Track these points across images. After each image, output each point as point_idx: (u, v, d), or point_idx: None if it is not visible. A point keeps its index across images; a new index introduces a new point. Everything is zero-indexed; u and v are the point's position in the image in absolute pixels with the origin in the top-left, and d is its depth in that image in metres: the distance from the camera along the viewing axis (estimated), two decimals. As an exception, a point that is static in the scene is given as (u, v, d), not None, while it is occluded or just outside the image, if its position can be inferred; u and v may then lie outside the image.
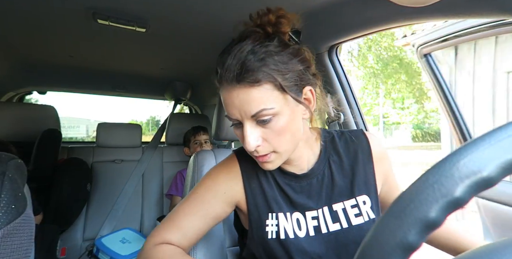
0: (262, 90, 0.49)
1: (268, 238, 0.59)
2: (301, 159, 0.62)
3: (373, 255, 0.22)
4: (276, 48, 0.51)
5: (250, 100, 0.49)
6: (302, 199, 0.61)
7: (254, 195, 0.63)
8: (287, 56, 0.51)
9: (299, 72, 0.52)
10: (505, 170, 0.19)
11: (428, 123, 13.02)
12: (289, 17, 0.54)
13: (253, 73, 0.48)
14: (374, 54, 10.06)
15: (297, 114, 0.54)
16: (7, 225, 0.46)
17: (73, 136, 7.95)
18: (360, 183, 0.61)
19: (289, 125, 0.52)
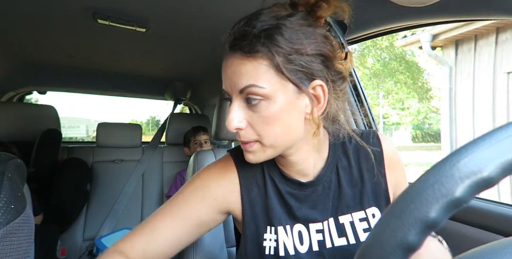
0: (256, 65, 0.43)
1: (266, 253, 0.52)
2: (306, 162, 0.53)
3: (373, 255, 0.22)
4: (292, 23, 0.44)
5: (241, 73, 0.44)
6: (306, 209, 0.53)
7: (253, 205, 0.55)
8: (303, 35, 0.44)
9: (311, 59, 0.44)
10: (505, 170, 0.19)
11: (428, 124, 13.04)
12: (333, 2, 0.47)
13: (251, 42, 0.42)
14: (374, 55, 10.08)
15: (296, 108, 0.45)
16: (6, 225, 0.46)
17: (73, 136, 7.95)
18: (369, 193, 0.53)
19: (281, 116, 0.44)
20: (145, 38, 1.25)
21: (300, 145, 0.51)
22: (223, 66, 0.47)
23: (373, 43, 8.99)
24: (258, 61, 0.43)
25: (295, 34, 0.43)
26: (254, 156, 0.48)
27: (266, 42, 0.42)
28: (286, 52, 0.42)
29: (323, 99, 0.46)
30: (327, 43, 0.46)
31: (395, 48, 9.21)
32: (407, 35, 4.14)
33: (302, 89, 0.45)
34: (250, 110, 0.45)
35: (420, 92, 10.74)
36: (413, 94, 11.21)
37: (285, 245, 0.52)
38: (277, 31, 0.43)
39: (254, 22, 0.44)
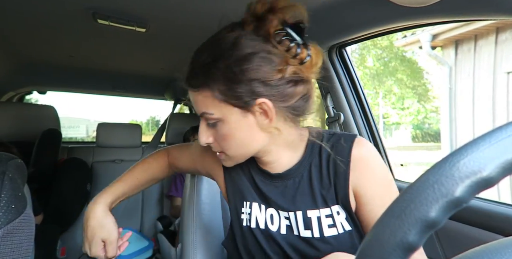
0: (203, 96, 0.52)
1: (243, 225, 0.62)
2: (280, 161, 0.60)
3: (373, 255, 0.22)
4: (231, 56, 0.49)
5: (195, 102, 0.54)
6: (276, 197, 0.60)
7: (233, 183, 0.66)
8: (241, 65, 0.48)
9: (249, 84, 0.49)
10: (505, 169, 0.19)
11: (428, 124, 13.03)
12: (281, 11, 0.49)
13: (195, 80, 0.52)
14: (374, 55, 10.08)
15: (246, 124, 0.52)
16: (7, 224, 0.46)
17: (73, 136, 7.94)
18: (335, 192, 0.57)
19: (234, 133, 0.53)
20: (145, 38, 1.25)
21: (269, 148, 0.57)
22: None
23: (373, 42, 8.99)
24: (203, 94, 0.52)
25: (232, 67, 0.49)
26: (225, 162, 0.60)
27: (206, 79, 0.50)
28: (224, 84, 0.49)
29: (270, 112, 0.51)
30: (266, 62, 0.49)
31: (394, 48, 9.21)
32: (407, 35, 4.14)
33: (248, 109, 0.51)
34: (212, 129, 0.55)
35: (419, 92, 10.74)
36: (411, 94, 11.21)
37: (257, 220, 0.61)
38: (213, 64, 0.50)
39: (199, 56, 0.53)
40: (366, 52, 9.70)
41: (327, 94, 1.15)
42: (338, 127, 1.13)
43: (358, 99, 1.13)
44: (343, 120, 1.11)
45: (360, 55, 9.70)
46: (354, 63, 1.15)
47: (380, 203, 0.55)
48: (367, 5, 0.80)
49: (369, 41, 8.70)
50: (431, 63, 9.17)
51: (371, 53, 9.58)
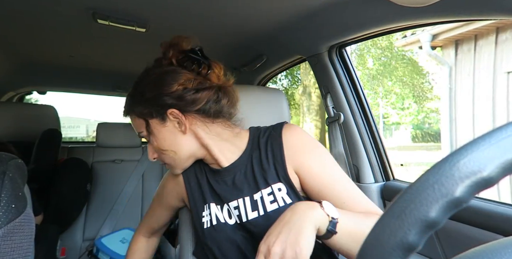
0: (132, 120, 0.68)
1: (205, 228, 0.67)
2: (221, 158, 0.67)
3: (373, 255, 0.22)
4: (143, 78, 0.68)
5: (133, 125, 0.69)
6: (226, 191, 0.67)
7: (193, 191, 0.72)
8: (147, 86, 0.65)
9: (151, 102, 0.63)
10: (505, 169, 0.19)
11: (428, 124, 13.03)
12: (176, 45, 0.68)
13: (124, 108, 0.69)
14: (373, 55, 10.07)
15: (167, 132, 0.64)
16: (7, 224, 0.46)
17: (73, 136, 7.95)
18: (274, 172, 0.64)
19: (163, 143, 0.64)
20: (145, 38, 1.25)
21: (206, 149, 0.67)
22: None
23: (373, 42, 8.98)
24: (132, 118, 0.68)
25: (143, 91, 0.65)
26: (173, 170, 0.71)
27: (130, 106, 0.68)
28: (140, 105, 0.65)
29: (182, 118, 0.63)
30: (167, 80, 0.63)
31: (393, 48, 9.21)
32: (407, 35, 4.14)
33: (163, 119, 0.63)
34: (152, 145, 0.67)
35: (417, 94, 10.74)
36: (409, 94, 11.21)
37: (217, 217, 0.67)
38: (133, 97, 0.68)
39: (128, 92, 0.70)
40: (366, 52, 9.70)
41: (327, 94, 1.15)
42: (338, 127, 1.13)
43: (358, 99, 1.13)
44: (343, 120, 1.11)
45: (359, 56, 9.70)
46: (355, 63, 1.15)
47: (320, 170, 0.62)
48: (367, 5, 0.80)
49: (368, 41, 8.73)
50: (431, 63, 9.17)
51: (371, 53, 9.58)
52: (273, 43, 1.23)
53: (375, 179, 1.12)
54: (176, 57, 0.67)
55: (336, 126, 1.13)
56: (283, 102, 0.99)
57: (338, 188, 0.60)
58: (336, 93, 1.13)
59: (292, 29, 1.03)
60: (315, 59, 1.14)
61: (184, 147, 0.65)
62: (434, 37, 3.77)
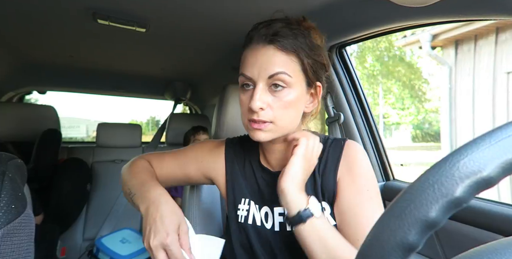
0: (288, 58, 0.54)
1: (239, 221, 0.64)
2: (288, 153, 0.62)
3: (373, 254, 0.22)
4: (312, 37, 0.57)
5: (274, 61, 0.54)
6: (273, 194, 0.62)
7: (233, 180, 0.68)
8: (319, 48, 0.58)
9: (319, 65, 0.58)
10: (505, 169, 0.19)
11: (428, 123, 13.03)
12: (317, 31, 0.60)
13: (285, 40, 0.54)
14: (373, 55, 10.07)
15: (304, 99, 0.58)
16: (7, 224, 0.46)
17: (73, 136, 7.94)
18: (325, 189, 0.61)
19: (296, 102, 0.56)
20: (145, 38, 1.25)
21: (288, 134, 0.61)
22: (251, 55, 0.56)
23: (373, 43, 8.99)
24: (289, 56, 0.54)
25: (314, 44, 0.57)
26: (265, 134, 0.57)
27: (297, 45, 0.54)
28: (308, 55, 0.55)
29: (318, 98, 0.60)
30: (327, 55, 0.60)
31: (392, 48, 9.20)
32: (407, 35, 4.14)
33: (311, 86, 0.58)
34: (272, 95, 0.55)
35: (415, 95, 10.75)
36: (407, 95, 11.21)
37: (254, 217, 0.63)
38: (305, 38, 0.55)
39: (290, 27, 0.55)
40: (367, 52, 9.69)
41: (327, 94, 1.15)
42: (338, 127, 1.13)
43: (358, 99, 1.13)
44: (343, 120, 1.11)
45: (360, 55, 9.69)
46: (354, 63, 1.15)
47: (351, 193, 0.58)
48: (367, 5, 0.80)
49: (368, 42, 8.72)
50: (429, 63, 9.17)
51: (371, 54, 9.58)
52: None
53: (375, 179, 1.12)
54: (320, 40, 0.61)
55: (336, 126, 1.13)
56: None
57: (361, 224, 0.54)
58: (336, 93, 1.13)
59: (292, 29, 1.02)
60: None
61: (299, 120, 0.60)
62: (434, 37, 3.77)
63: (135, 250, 1.52)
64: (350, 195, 0.58)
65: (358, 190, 0.58)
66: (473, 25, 3.28)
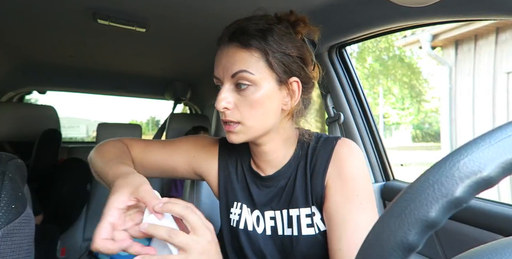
0: (249, 55, 0.51)
1: (231, 225, 0.63)
2: (277, 154, 0.60)
3: (373, 255, 0.22)
4: (280, 29, 0.53)
5: (235, 59, 0.52)
6: (264, 198, 0.61)
7: (226, 182, 0.66)
8: (288, 39, 0.53)
9: (293, 60, 0.53)
10: (505, 169, 0.19)
11: (428, 123, 13.03)
12: (307, 24, 0.57)
13: (247, 36, 0.51)
14: (373, 55, 10.08)
15: (276, 96, 0.54)
16: (7, 224, 0.46)
17: (73, 136, 7.95)
18: (313, 193, 0.58)
19: (264, 101, 0.52)
20: (145, 38, 1.25)
21: (274, 135, 0.58)
22: (218, 55, 0.55)
23: (372, 44, 8.99)
24: (251, 53, 0.51)
25: (282, 37, 0.53)
26: (236, 136, 0.55)
27: (259, 39, 0.51)
28: (274, 50, 0.52)
29: (297, 94, 0.55)
30: (305, 48, 0.56)
31: (392, 48, 9.21)
32: (407, 35, 4.14)
33: (283, 81, 0.53)
34: (238, 94, 0.53)
35: (415, 94, 10.75)
36: (407, 95, 11.21)
37: (246, 221, 0.61)
38: (269, 32, 0.52)
39: (251, 22, 0.53)
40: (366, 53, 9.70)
41: (327, 94, 1.15)
42: (338, 127, 1.13)
43: (358, 99, 1.13)
44: (343, 120, 1.11)
45: (360, 56, 9.70)
46: (354, 63, 1.15)
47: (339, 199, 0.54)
48: (367, 5, 0.80)
49: (368, 42, 8.72)
50: (429, 63, 9.16)
51: (371, 54, 9.58)
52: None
53: (375, 179, 1.12)
54: (301, 35, 0.57)
55: (336, 126, 1.13)
56: None
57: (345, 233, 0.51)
58: (336, 93, 1.13)
59: (292, 29, 1.03)
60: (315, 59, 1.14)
61: (272, 120, 0.55)
62: (434, 37, 3.77)
63: (135, 250, 1.52)
64: (338, 200, 0.54)
65: (347, 195, 0.53)
66: (473, 25, 3.28)
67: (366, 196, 0.54)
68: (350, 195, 0.53)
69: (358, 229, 0.50)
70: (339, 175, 0.56)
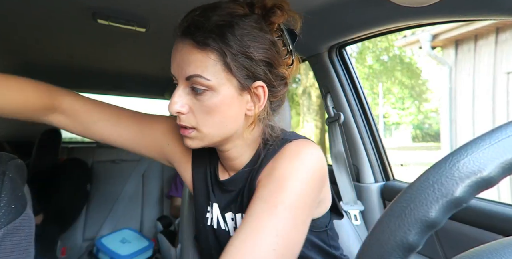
0: (205, 57, 0.45)
1: (207, 224, 0.60)
2: (239, 159, 0.56)
3: (373, 255, 0.22)
4: (245, 24, 0.46)
5: (189, 61, 0.45)
6: (225, 201, 0.59)
7: (200, 180, 0.62)
8: (253, 38, 0.46)
9: (257, 63, 0.47)
10: (505, 169, 0.19)
11: (428, 124, 13.04)
12: (287, 12, 0.49)
13: (203, 34, 0.44)
14: (373, 54, 10.08)
15: (237, 102, 0.48)
16: (7, 224, 0.46)
17: (73, 136, 7.94)
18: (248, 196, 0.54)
19: (222, 108, 0.47)
20: (145, 38, 1.25)
21: (237, 141, 0.54)
22: (173, 50, 0.49)
23: (372, 43, 8.99)
24: (207, 54, 0.45)
25: (245, 36, 0.45)
26: (192, 141, 0.51)
27: (217, 38, 0.44)
28: (234, 52, 0.45)
29: (263, 99, 0.49)
30: (273, 49, 0.48)
31: (392, 48, 9.22)
32: (407, 35, 4.14)
33: (245, 87, 0.47)
34: (194, 98, 0.47)
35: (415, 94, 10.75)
36: (407, 95, 11.22)
37: (218, 220, 0.59)
38: (230, 29, 0.44)
39: (210, 14, 0.45)
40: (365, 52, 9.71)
41: (327, 94, 1.15)
42: (338, 127, 1.13)
43: (358, 99, 1.13)
44: (343, 120, 1.11)
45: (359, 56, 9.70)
46: (354, 63, 1.15)
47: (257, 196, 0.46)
48: (367, 5, 0.80)
49: (367, 42, 8.73)
50: (429, 63, 9.17)
51: (372, 53, 9.59)
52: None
53: (375, 179, 1.12)
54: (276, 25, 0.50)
55: (336, 126, 1.13)
56: (285, 102, 0.99)
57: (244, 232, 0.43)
58: (336, 93, 1.13)
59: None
60: (315, 59, 1.14)
61: (233, 127, 0.50)
62: (434, 37, 3.77)
63: (135, 250, 1.52)
64: (256, 197, 0.46)
65: (264, 196, 0.45)
66: (473, 25, 3.28)
67: (288, 201, 0.44)
68: (267, 195, 0.45)
69: (259, 232, 0.42)
70: (268, 174, 0.49)
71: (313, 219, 0.56)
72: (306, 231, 0.47)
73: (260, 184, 0.49)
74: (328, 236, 0.60)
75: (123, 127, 0.62)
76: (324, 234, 0.59)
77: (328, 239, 0.60)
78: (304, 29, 0.57)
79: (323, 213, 0.58)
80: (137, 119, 0.62)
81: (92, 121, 0.61)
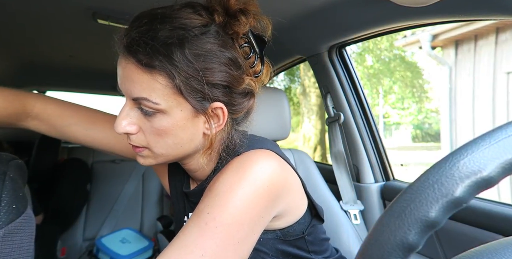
0: (152, 80, 0.40)
1: None
2: (200, 171, 0.53)
3: (373, 254, 0.22)
4: (200, 41, 0.40)
5: (134, 81, 0.41)
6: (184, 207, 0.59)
7: (176, 188, 0.61)
8: (208, 58, 0.41)
9: (212, 86, 0.42)
10: (505, 169, 0.19)
11: (428, 124, 13.04)
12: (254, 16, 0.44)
13: (149, 54, 0.39)
14: (373, 54, 10.08)
15: (192, 125, 0.44)
16: (8, 224, 0.46)
17: (73, 136, 7.92)
18: None
19: (174, 130, 0.43)
20: (145, 38, 1.25)
21: (197, 155, 0.50)
22: (118, 64, 0.45)
23: (374, 44, 8.99)
24: (154, 77, 0.40)
25: (199, 57, 0.40)
26: (144, 160, 0.48)
27: (165, 60, 0.39)
28: (185, 75, 0.40)
29: (222, 120, 0.45)
30: (233, 69, 0.43)
31: (392, 48, 9.22)
32: (407, 35, 4.14)
33: (200, 109, 0.43)
34: (143, 117, 0.43)
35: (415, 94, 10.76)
36: (407, 95, 11.23)
37: None
38: (180, 49, 0.39)
39: (157, 28, 0.40)
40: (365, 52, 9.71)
41: (327, 94, 1.15)
42: (338, 127, 1.13)
43: (358, 99, 1.13)
44: (343, 120, 1.11)
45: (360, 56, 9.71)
46: (354, 63, 1.15)
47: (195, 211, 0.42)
48: (367, 5, 0.80)
49: (367, 42, 8.73)
50: (429, 63, 9.17)
51: (372, 53, 9.60)
52: (273, 43, 1.23)
53: (375, 179, 1.12)
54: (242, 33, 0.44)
55: (336, 126, 1.13)
56: (284, 102, 0.99)
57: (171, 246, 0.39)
58: (336, 93, 1.13)
59: (292, 29, 1.02)
60: (315, 59, 1.14)
61: (191, 147, 0.47)
62: (434, 37, 3.78)
63: (135, 250, 1.52)
64: (192, 215, 0.42)
65: (198, 211, 0.42)
66: (473, 25, 3.28)
67: (220, 218, 0.39)
68: (201, 211, 0.41)
69: (184, 250, 0.38)
70: (208, 188, 0.45)
71: (282, 228, 0.52)
72: (247, 250, 0.42)
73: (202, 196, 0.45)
74: (307, 242, 0.56)
75: (98, 130, 0.60)
76: (301, 241, 0.55)
77: (306, 245, 0.56)
78: (304, 30, 0.56)
79: (295, 220, 0.53)
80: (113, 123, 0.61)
81: (65, 125, 0.59)
